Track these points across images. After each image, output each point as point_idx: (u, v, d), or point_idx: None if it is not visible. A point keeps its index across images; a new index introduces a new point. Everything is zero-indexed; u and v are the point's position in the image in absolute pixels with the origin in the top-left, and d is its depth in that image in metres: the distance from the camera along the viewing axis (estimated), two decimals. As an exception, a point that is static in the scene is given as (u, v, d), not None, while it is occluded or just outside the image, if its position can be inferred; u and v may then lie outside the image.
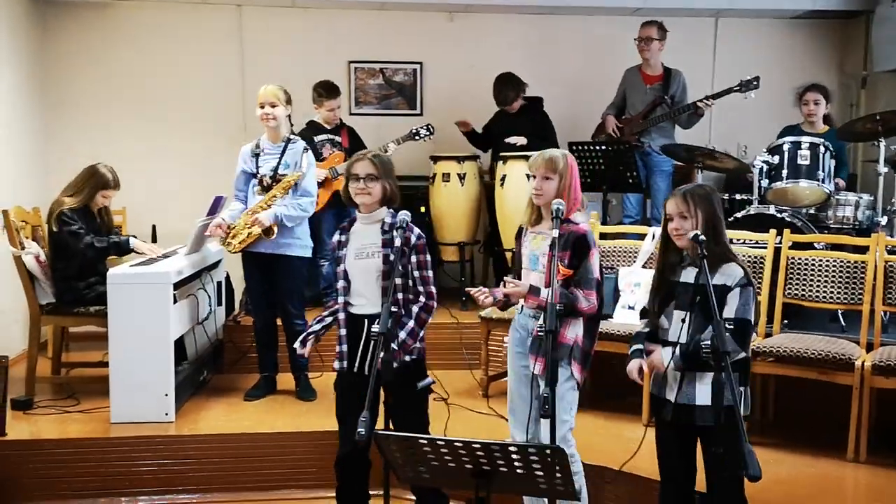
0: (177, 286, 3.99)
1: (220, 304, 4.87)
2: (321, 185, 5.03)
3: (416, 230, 2.99)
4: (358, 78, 6.24)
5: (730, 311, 2.56)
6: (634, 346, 2.75)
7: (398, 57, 6.35)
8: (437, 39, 6.34)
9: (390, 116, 6.23)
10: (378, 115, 6.15)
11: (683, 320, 2.62)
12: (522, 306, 2.96)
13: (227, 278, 5.14)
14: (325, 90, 5.24)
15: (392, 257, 2.87)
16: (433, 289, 3.02)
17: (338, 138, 5.30)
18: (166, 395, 3.88)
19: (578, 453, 2.92)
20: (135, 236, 4.56)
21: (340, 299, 3.01)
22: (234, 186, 4.32)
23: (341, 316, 3.02)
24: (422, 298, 2.99)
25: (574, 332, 2.86)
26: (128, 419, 3.85)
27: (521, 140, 5.41)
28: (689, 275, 2.65)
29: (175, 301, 3.95)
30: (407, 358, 2.94)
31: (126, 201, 5.49)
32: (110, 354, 3.89)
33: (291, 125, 4.40)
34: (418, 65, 6.37)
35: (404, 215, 2.90)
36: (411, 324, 2.95)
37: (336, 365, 3.03)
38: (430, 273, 3.02)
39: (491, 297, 2.90)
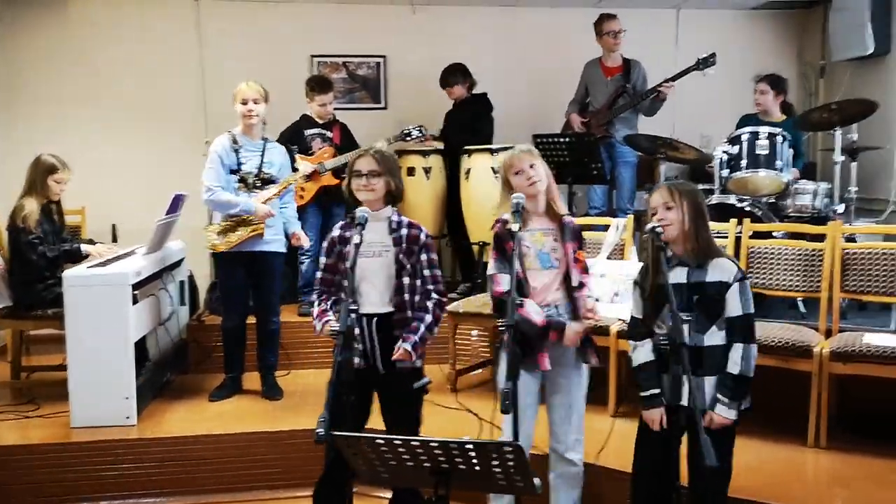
0: (137, 286, 3.93)
1: (183, 303, 4.81)
2: (307, 178, 5.01)
3: (424, 228, 2.96)
4: (321, 72, 6.18)
5: (736, 309, 2.56)
6: (653, 391, 2.62)
7: (361, 50, 6.32)
8: (400, 32, 6.31)
9: (355, 110, 6.19)
10: (342, 110, 6.10)
11: (683, 322, 2.53)
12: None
13: (191, 277, 5.08)
14: (317, 85, 5.19)
15: (402, 256, 2.85)
16: (443, 287, 2.96)
17: (329, 133, 5.25)
18: (127, 398, 3.82)
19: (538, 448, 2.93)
20: (91, 241, 4.49)
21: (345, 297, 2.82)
22: (212, 179, 4.07)
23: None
24: (435, 296, 2.92)
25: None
26: (89, 423, 3.78)
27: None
28: (679, 275, 2.60)
29: (135, 302, 3.89)
30: (419, 362, 2.89)
31: (85, 200, 5.39)
32: (69, 358, 3.82)
33: (265, 124, 4.34)
34: (382, 58, 6.35)
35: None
36: (429, 318, 2.88)
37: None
38: (440, 272, 2.96)
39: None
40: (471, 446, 1.92)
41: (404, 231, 2.90)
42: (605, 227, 4.48)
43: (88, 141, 5.80)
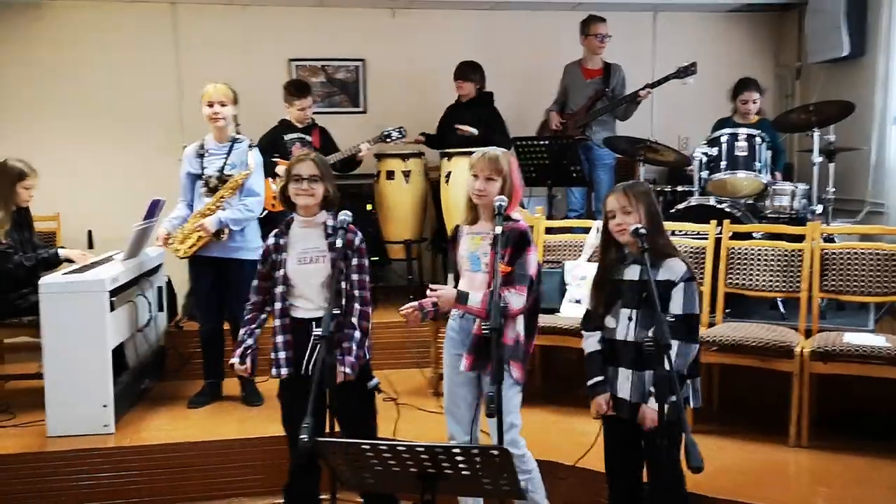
0: (114, 293, 3.87)
1: (161, 309, 4.75)
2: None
3: (359, 233, 2.96)
4: (299, 76, 6.15)
5: (676, 307, 2.59)
6: (596, 379, 2.69)
7: (340, 54, 6.29)
8: (379, 36, 6.29)
9: (334, 114, 6.15)
10: (321, 114, 6.07)
11: (630, 318, 2.63)
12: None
13: (169, 283, 5.01)
14: (296, 89, 5.16)
15: (339, 261, 2.83)
16: (368, 294, 2.96)
17: (308, 138, 5.21)
18: (105, 406, 3.76)
19: (530, 451, 2.89)
20: (62, 246, 4.42)
21: (278, 304, 2.94)
22: (181, 189, 4.16)
23: (279, 322, 2.93)
24: (357, 306, 2.91)
25: (514, 331, 2.80)
26: (65, 432, 3.72)
27: (472, 130, 5.37)
28: (633, 272, 2.66)
29: (112, 308, 3.83)
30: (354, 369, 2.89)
31: (60, 207, 5.31)
32: (45, 366, 3.75)
33: (238, 125, 4.29)
34: (361, 62, 6.32)
35: (345, 216, 2.86)
36: (358, 335, 2.89)
37: (279, 372, 2.93)
38: (368, 277, 2.97)
39: (419, 311, 2.81)
40: (458, 450, 1.90)
41: (338, 234, 2.87)
42: (585, 230, 4.49)
43: (64, 146, 5.73)
